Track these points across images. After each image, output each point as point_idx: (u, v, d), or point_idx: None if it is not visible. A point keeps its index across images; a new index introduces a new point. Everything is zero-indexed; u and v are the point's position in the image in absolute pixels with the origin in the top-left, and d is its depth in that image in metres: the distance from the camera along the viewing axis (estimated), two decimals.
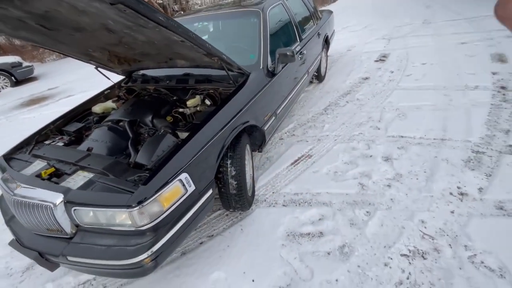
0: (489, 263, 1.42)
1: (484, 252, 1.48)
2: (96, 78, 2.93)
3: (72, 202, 1.29)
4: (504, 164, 2.02)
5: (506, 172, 1.95)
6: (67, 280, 1.75)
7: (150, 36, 1.51)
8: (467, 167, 2.07)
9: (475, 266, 1.42)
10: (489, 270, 1.40)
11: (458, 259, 1.47)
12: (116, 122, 1.89)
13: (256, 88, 1.98)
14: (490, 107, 2.74)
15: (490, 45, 4.22)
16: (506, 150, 2.16)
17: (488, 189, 1.84)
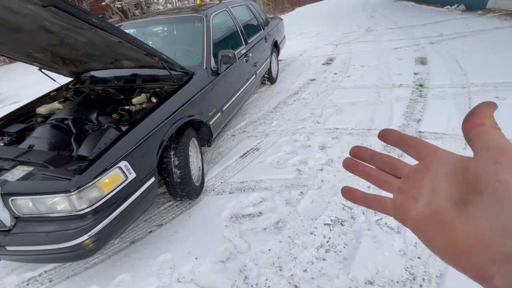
0: (391, 224, 1.74)
1: (387, 216, 1.80)
2: (45, 84, 2.89)
3: (9, 193, 1.34)
4: None
5: None
6: (11, 279, 1.75)
7: (89, 37, 1.62)
8: (384, 150, 2.44)
9: (380, 227, 1.73)
10: (389, 228, 1.71)
11: (368, 223, 1.77)
12: (60, 120, 1.93)
13: (199, 86, 2.16)
14: (409, 101, 3.22)
15: (416, 50, 4.88)
16: (415, 135, 2.58)
17: None
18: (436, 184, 0.25)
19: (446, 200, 0.23)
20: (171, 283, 1.58)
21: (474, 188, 0.21)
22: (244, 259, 1.65)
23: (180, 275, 1.62)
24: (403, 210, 0.27)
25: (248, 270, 1.59)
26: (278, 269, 1.57)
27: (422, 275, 1.43)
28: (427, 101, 3.14)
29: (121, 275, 1.67)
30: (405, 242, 1.61)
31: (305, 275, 1.52)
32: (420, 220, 0.25)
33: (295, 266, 1.57)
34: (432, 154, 0.27)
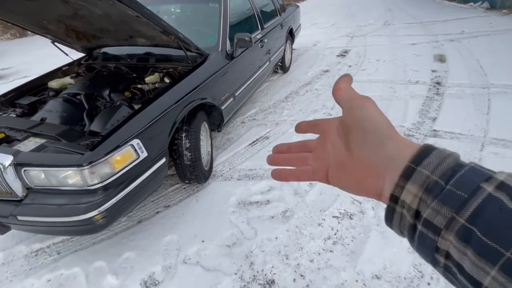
0: None
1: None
2: (54, 59, 2.86)
3: (22, 163, 1.33)
4: None
5: None
6: (19, 249, 1.77)
7: (105, 9, 1.57)
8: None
9: None
10: None
11: (377, 218, 1.75)
12: (73, 95, 1.91)
13: (213, 68, 2.11)
14: (425, 99, 3.13)
15: (435, 47, 4.73)
16: (430, 133, 2.52)
17: None
18: (333, 142, 0.32)
19: (341, 149, 0.31)
20: (177, 264, 1.59)
21: (347, 129, 0.30)
22: (250, 245, 1.65)
23: (186, 257, 1.62)
24: (321, 171, 0.34)
25: (254, 256, 1.59)
26: (285, 258, 1.56)
27: (431, 273, 1.41)
28: (444, 100, 3.05)
29: (128, 252, 1.68)
30: None
31: (311, 265, 1.52)
32: (333, 172, 0.32)
33: (302, 256, 1.56)
34: (326, 124, 0.35)
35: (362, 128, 0.28)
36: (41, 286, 1.53)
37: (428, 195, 0.23)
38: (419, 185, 0.24)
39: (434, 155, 0.24)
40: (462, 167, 0.23)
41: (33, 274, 1.60)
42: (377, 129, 0.28)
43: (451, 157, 0.24)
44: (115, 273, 1.56)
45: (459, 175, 0.23)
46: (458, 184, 0.22)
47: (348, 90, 0.32)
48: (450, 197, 0.22)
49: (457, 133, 2.48)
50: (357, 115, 0.29)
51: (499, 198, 0.21)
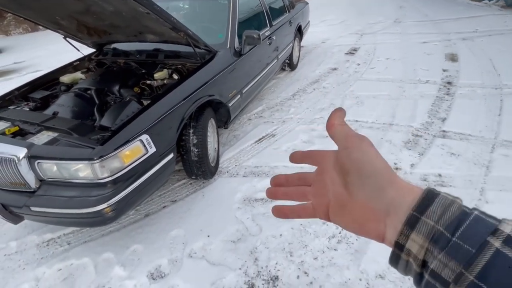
0: None
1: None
2: (66, 55, 2.92)
3: (36, 156, 1.38)
4: (435, 146, 2.34)
5: (435, 151, 2.27)
6: (31, 238, 1.83)
7: (116, 6, 1.60)
8: (405, 147, 2.37)
9: None
10: None
11: None
12: (84, 90, 1.95)
13: (221, 65, 2.12)
14: (434, 98, 3.08)
15: (447, 46, 4.63)
16: (439, 134, 2.49)
17: (418, 165, 2.15)
18: (331, 178, 0.32)
19: (340, 187, 0.30)
20: (183, 258, 1.62)
21: (344, 171, 0.30)
22: (255, 242, 1.67)
23: (191, 251, 1.65)
24: (322, 208, 0.33)
25: (258, 252, 1.61)
26: (289, 255, 1.58)
27: None
28: (455, 100, 3.00)
29: (135, 245, 1.72)
30: None
31: (315, 262, 1.53)
32: (334, 212, 0.32)
33: (306, 253, 1.58)
34: (321, 157, 0.34)
35: (361, 171, 0.28)
36: (52, 275, 1.58)
37: (434, 246, 0.23)
38: (424, 235, 0.24)
39: (437, 203, 0.24)
40: (467, 215, 0.23)
41: (45, 263, 1.66)
42: (377, 173, 0.28)
43: (454, 205, 0.24)
44: (123, 265, 1.60)
45: (465, 226, 0.23)
46: (464, 237, 0.22)
47: (343, 127, 0.32)
48: (457, 251, 0.22)
49: (467, 134, 2.44)
50: (354, 157, 0.29)
51: (507, 255, 0.21)
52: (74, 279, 1.55)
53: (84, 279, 1.55)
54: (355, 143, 0.30)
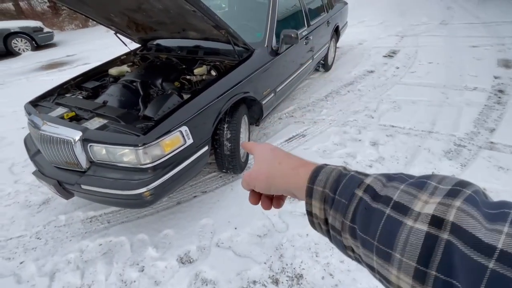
0: None
1: None
2: (111, 49, 3.15)
3: (88, 139, 1.52)
4: (480, 157, 2.17)
5: (479, 164, 2.11)
6: (77, 214, 2.03)
7: (166, 4, 1.70)
8: (446, 157, 2.23)
9: None
10: None
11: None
12: (130, 82, 2.10)
13: (258, 63, 2.16)
14: (483, 107, 2.85)
15: (500, 51, 4.24)
16: (486, 145, 2.30)
17: (459, 177, 2.01)
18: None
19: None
20: (211, 246, 1.69)
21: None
22: (281, 238, 1.69)
23: (219, 240, 1.71)
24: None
25: (284, 249, 1.62)
26: (314, 255, 1.57)
27: None
28: (506, 110, 2.75)
29: (167, 229, 1.83)
30: None
31: (341, 265, 1.51)
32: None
33: (332, 255, 1.56)
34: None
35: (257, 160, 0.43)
36: (94, 248, 1.74)
37: (326, 205, 0.30)
38: (318, 200, 0.31)
39: (322, 173, 0.32)
40: (344, 176, 0.30)
41: (88, 237, 1.82)
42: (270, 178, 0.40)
43: (335, 171, 0.31)
44: (156, 246, 1.71)
45: (342, 185, 0.29)
46: (341, 193, 0.29)
47: (249, 144, 0.47)
48: (338, 205, 0.29)
49: None
50: (256, 154, 0.44)
51: (365, 200, 0.26)
52: (112, 254, 1.69)
53: (122, 255, 1.68)
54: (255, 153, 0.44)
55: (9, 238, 1.88)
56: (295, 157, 0.38)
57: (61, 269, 1.63)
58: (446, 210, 0.22)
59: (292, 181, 0.35)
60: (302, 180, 0.33)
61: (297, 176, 0.35)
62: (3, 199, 2.24)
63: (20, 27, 7.66)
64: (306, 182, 0.32)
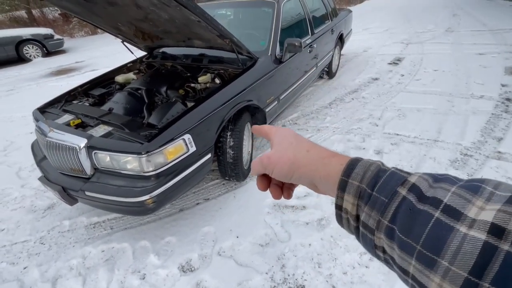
0: None
1: None
2: (118, 56, 3.21)
3: (93, 147, 1.54)
4: (488, 167, 2.13)
5: (487, 174, 2.07)
6: (81, 220, 2.04)
7: (172, 14, 1.73)
8: (452, 166, 2.19)
9: None
10: None
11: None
12: (135, 89, 2.14)
13: (262, 72, 2.18)
14: (490, 116, 2.81)
15: (507, 58, 4.20)
16: (493, 155, 2.26)
17: None
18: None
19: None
20: (212, 255, 1.68)
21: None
22: (283, 248, 1.67)
23: (221, 249, 1.71)
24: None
25: (286, 259, 1.61)
26: (317, 265, 1.55)
27: None
28: None
29: (169, 237, 1.83)
30: None
31: (344, 277, 1.48)
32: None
33: (335, 267, 1.54)
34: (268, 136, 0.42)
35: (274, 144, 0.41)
36: (96, 255, 1.75)
37: (361, 201, 0.28)
38: (353, 194, 0.28)
39: (359, 166, 0.29)
40: (384, 172, 0.28)
41: (91, 243, 1.83)
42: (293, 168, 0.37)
43: (373, 165, 0.29)
44: (158, 254, 1.71)
45: (381, 181, 0.27)
46: (380, 190, 0.27)
47: (265, 126, 0.44)
48: (376, 203, 0.26)
49: None
50: (272, 140, 0.41)
51: (410, 200, 0.25)
52: (114, 261, 1.69)
53: (123, 262, 1.68)
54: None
55: (14, 242, 1.90)
56: (322, 147, 0.36)
57: (64, 275, 1.64)
58: (507, 218, 0.20)
59: (321, 171, 0.32)
60: (334, 171, 0.31)
61: (328, 166, 0.32)
62: (10, 203, 2.28)
63: (31, 34, 7.89)
64: (339, 174, 0.30)
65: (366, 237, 0.28)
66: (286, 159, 0.35)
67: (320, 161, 0.33)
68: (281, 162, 0.35)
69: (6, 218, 2.12)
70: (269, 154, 0.37)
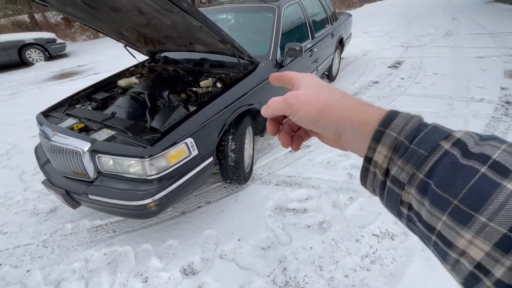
0: None
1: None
2: (120, 60, 3.25)
3: (97, 150, 1.56)
4: None
5: None
6: (84, 223, 2.06)
7: (174, 20, 1.76)
8: None
9: None
10: None
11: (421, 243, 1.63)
12: (137, 93, 2.16)
13: (262, 76, 2.20)
14: (490, 119, 2.82)
15: (507, 61, 4.22)
16: None
17: None
18: None
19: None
20: (214, 258, 1.69)
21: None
22: (284, 251, 1.68)
23: (222, 252, 1.71)
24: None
25: (287, 262, 1.61)
26: (318, 268, 1.56)
27: None
28: None
29: (171, 240, 1.84)
30: None
31: (345, 280, 1.49)
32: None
33: (336, 270, 1.54)
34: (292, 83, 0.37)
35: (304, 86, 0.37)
36: (99, 258, 1.76)
37: (395, 154, 0.26)
38: (388, 146, 0.26)
39: (400, 117, 0.27)
40: (426, 126, 0.26)
41: (93, 246, 1.84)
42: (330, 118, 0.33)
43: (415, 118, 0.27)
44: (160, 257, 1.72)
45: (422, 134, 0.25)
46: (420, 143, 0.25)
47: (286, 73, 0.39)
48: (412, 156, 0.25)
49: None
50: (299, 80, 0.37)
51: (453, 154, 0.23)
52: (117, 264, 1.70)
53: (126, 265, 1.69)
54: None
55: (17, 245, 1.91)
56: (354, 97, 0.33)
57: (66, 278, 1.65)
58: None
59: (356, 119, 0.29)
60: (371, 120, 0.28)
61: (365, 114, 0.29)
62: (13, 206, 2.29)
63: (34, 38, 7.96)
64: (375, 124, 0.28)
65: (392, 192, 0.27)
66: (317, 101, 0.32)
67: (356, 108, 0.30)
68: (310, 104, 0.32)
69: (9, 221, 2.14)
70: (297, 93, 0.34)
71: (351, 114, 0.30)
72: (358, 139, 0.29)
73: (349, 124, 0.30)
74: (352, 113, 0.30)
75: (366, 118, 0.29)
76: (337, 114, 0.31)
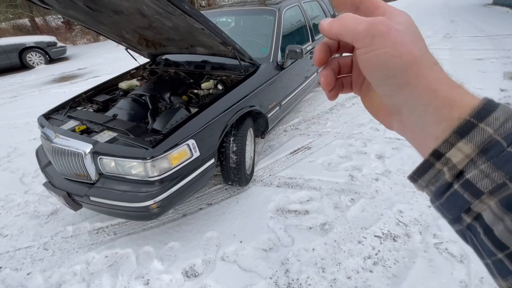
0: (452, 250, 1.58)
1: (450, 241, 1.64)
2: (120, 62, 3.26)
3: (98, 152, 1.56)
4: None
5: None
6: (85, 225, 2.05)
7: (176, 22, 1.77)
8: None
9: (439, 251, 1.59)
10: (450, 255, 1.56)
11: (424, 244, 1.64)
12: (139, 95, 2.17)
13: (264, 78, 2.21)
14: None
15: (506, 63, 4.24)
16: None
17: None
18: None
19: None
20: (216, 260, 1.68)
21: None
22: (287, 253, 1.67)
23: (224, 254, 1.71)
24: (357, 84, 0.34)
25: (290, 264, 1.61)
26: (321, 270, 1.55)
27: None
28: None
29: (173, 242, 1.83)
30: (468, 274, 1.45)
31: (348, 282, 1.48)
32: (363, 90, 0.33)
33: (339, 271, 1.54)
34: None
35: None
36: (100, 260, 1.75)
37: (481, 156, 0.20)
38: (475, 144, 0.21)
39: (500, 110, 0.21)
40: None
41: (94, 248, 1.83)
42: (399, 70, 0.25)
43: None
44: (161, 259, 1.71)
45: None
46: None
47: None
48: (507, 162, 0.19)
49: None
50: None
51: None
52: (118, 267, 1.69)
53: (127, 267, 1.68)
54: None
55: (18, 248, 1.90)
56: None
57: (67, 281, 1.64)
58: None
59: (442, 97, 0.22)
60: (461, 102, 0.22)
61: (456, 94, 0.22)
62: (14, 209, 2.29)
63: (35, 42, 7.99)
64: (465, 111, 0.21)
65: (458, 198, 0.22)
66: (408, 52, 0.23)
67: (446, 84, 0.23)
68: (399, 50, 0.23)
69: (9, 224, 2.13)
70: (392, 25, 0.24)
71: (439, 86, 0.23)
72: (428, 124, 0.23)
73: (429, 99, 0.23)
74: (441, 89, 0.23)
75: (456, 100, 0.22)
76: (422, 80, 0.23)
